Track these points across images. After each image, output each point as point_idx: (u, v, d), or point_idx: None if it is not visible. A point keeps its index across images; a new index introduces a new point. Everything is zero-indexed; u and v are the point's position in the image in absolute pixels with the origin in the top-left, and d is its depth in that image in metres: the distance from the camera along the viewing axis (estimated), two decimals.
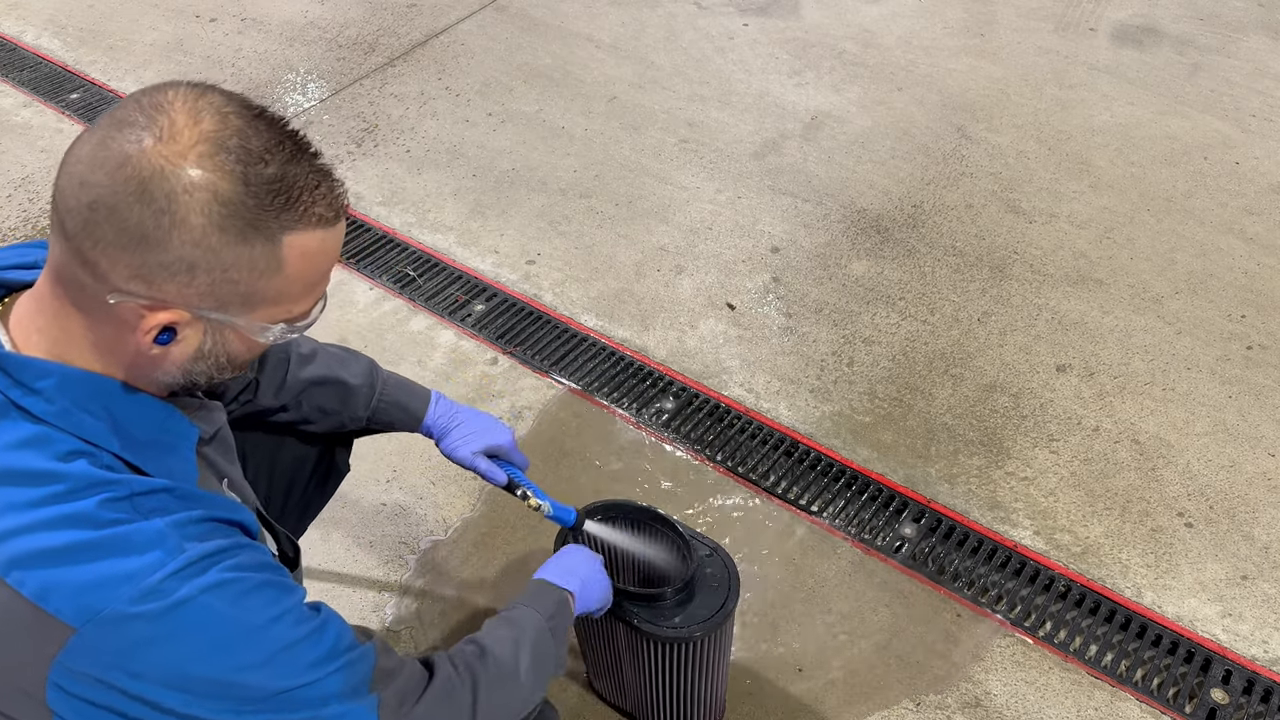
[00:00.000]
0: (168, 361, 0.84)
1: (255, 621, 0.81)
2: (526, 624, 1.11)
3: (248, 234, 0.78)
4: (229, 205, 0.77)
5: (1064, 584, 1.82)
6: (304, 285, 0.85)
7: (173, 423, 0.88)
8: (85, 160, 0.77)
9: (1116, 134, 2.96)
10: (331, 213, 0.83)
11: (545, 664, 1.11)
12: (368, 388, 1.32)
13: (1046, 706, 1.65)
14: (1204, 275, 2.48)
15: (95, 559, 0.76)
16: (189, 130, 0.77)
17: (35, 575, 0.76)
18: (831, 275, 2.47)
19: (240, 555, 0.82)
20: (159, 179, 0.75)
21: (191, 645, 0.78)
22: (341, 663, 0.86)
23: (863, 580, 1.83)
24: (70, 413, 0.81)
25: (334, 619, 0.89)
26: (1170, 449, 2.07)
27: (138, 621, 0.76)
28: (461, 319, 2.33)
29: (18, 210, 2.62)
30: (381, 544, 1.87)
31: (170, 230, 0.76)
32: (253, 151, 0.78)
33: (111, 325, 0.81)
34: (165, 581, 0.77)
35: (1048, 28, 3.48)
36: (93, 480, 0.79)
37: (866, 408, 2.15)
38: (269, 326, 0.85)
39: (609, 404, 2.14)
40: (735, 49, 3.33)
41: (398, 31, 3.36)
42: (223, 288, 0.80)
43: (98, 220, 0.76)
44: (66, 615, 0.75)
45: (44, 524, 0.76)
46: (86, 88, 3.06)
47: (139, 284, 0.78)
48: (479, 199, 2.68)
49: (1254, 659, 1.72)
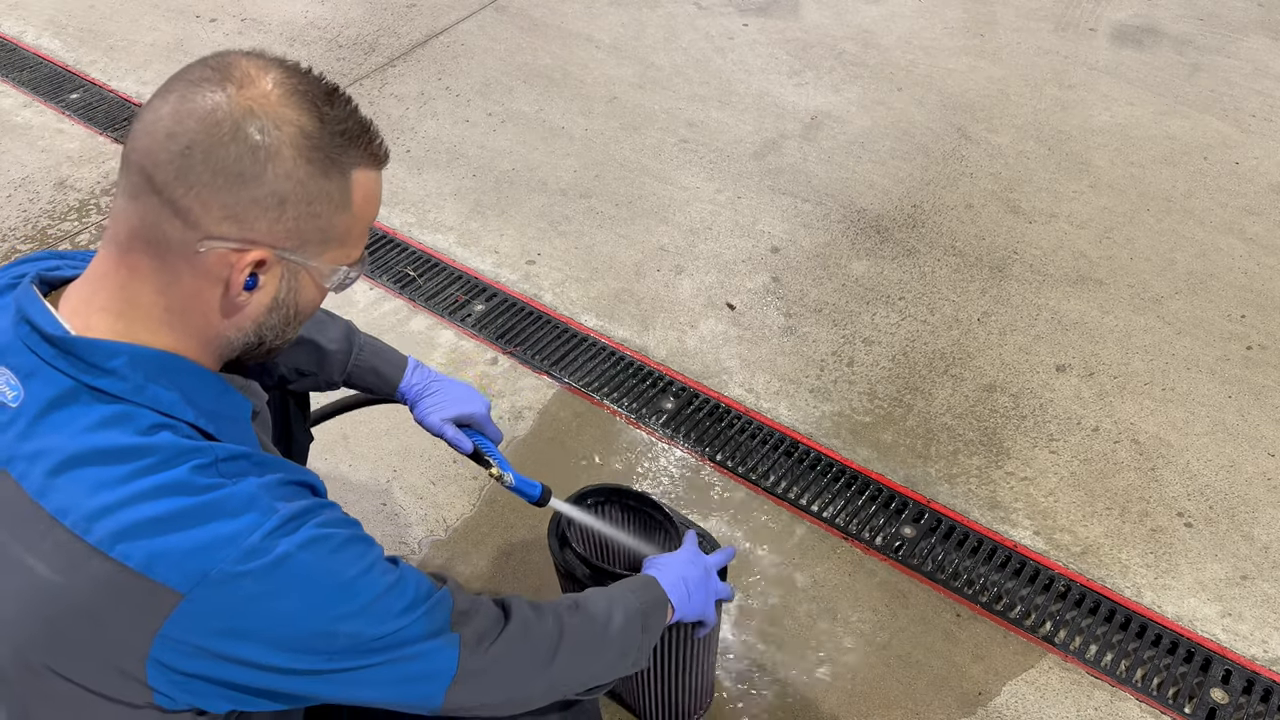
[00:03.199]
0: (244, 315, 0.88)
1: (348, 574, 0.84)
2: (628, 602, 1.12)
3: (328, 168, 0.85)
4: (312, 139, 0.84)
5: (1064, 584, 1.82)
6: (363, 226, 0.92)
7: (229, 397, 0.91)
8: (168, 116, 0.81)
9: (1116, 134, 2.96)
10: (384, 154, 0.92)
11: (630, 646, 1.11)
12: (344, 352, 1.35)
13: (1046, 706, 1.65)
14: (1204, 275, 2.48)
15: (196, 524, 0.78)
16: (262, 79, 0.83)
17: (140, 546, 0.77)
18: (831, 275, 2.47)
19: (324, 514, 0.85)
20: (250, 118, 0.81)
21: (294, 599, 0.81)
22: (425, 608, 0.89)
23: (863, 580, 1.83)
24: (145, 388, 0.83)
25: (410, 569, 0.92)
26: (1170, 449, 2.07)
27: (244, 580, 0.78)
28: (461, 319, 2.33)
29: (18, 210, 2.62)
30: (381, 544, 1.86)
31: (265, 164, 0.81)
32: (320, 95, 0.86)
33: (192, 282, 0.84)
34: (265, 540, 0.79)
35: (1048, 28, 3.48)
36: (180, 449, 0.81)
37: (866, 408, 2.15)
38: (335, 269, 0.91)
39: (609, 404, 2.14)
40: (735, 49, 3.33)
41: (398, 31, 3.36)
42: (306, 223, 0.85)
43: (193, 164, 0.80)
44: (175, 581, 0.77)
45: (142, 495, 0.78)
46: (86, 88, 3.06)
47: (231, 225, 0.82)
48: (479, 199, 2.68)
49: (1254, 659, 1.72)
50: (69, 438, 0.80)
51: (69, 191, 2.69)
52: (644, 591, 1.16)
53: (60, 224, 2.58)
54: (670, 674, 1.45)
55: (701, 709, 1.61)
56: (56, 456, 0.79)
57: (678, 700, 1.52)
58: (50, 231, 2.56)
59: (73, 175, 2.74)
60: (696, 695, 1.56)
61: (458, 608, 0.94)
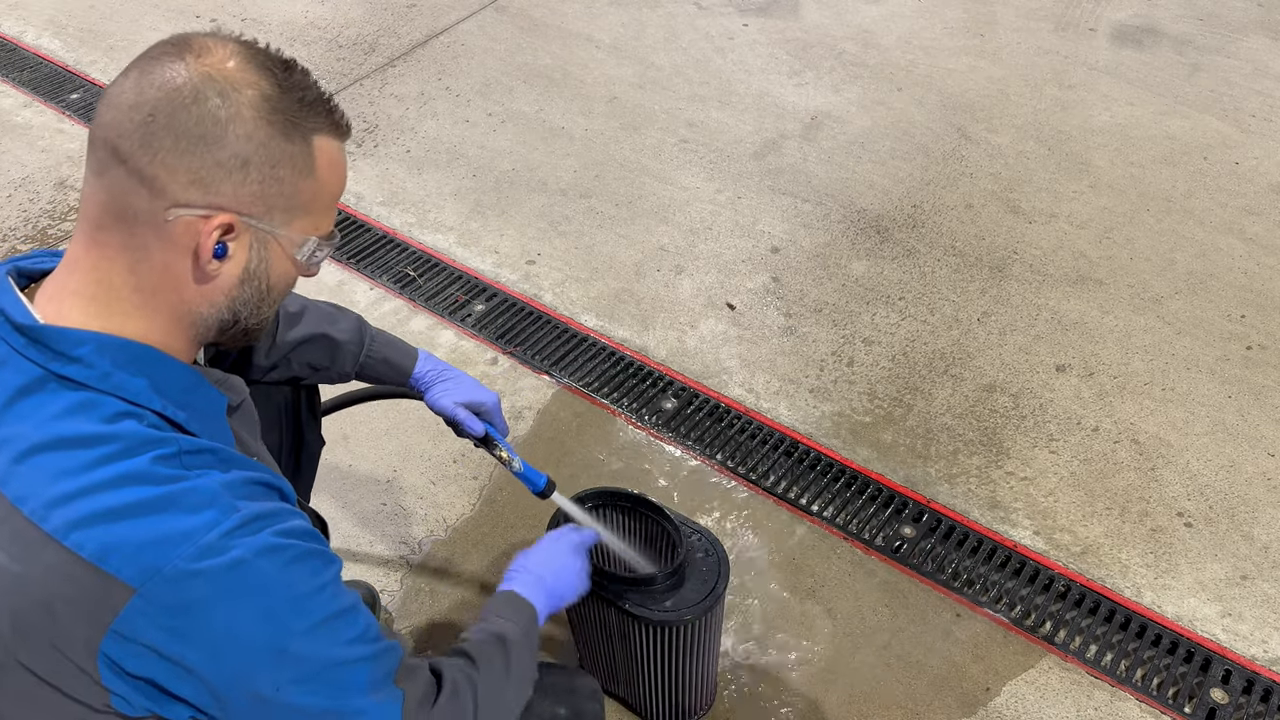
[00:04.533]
0: (216, 288, 0.87)
1: (302, 589, 0.82)
2: (509, 635, 1.11)
3: (289, 130, 0.86)
4: (272, 101, 0.85)
5: (1064, 584, 1.82)
6: (329, 196, 0.92)
7: (201, 390, 0.89)
8: (131, 89, 0.83)
9: (1116, 134, 2.96)
10: (346, 125, 0.93)
11: (527, 674, 1.11)
12: (355, 344, 1.36)
13: (1046, 706, 1.65)
14: (1204, 275, 2.48)
15: (153, 515, 0.77)
16: (220, 49, 0.86)
17: (94, 535, 0.76)
18: (831, 275, 2.47)
19: (287, 521, 0.84)
20: (209, 82, 0.83)
21: (244, 607, 0.79)
22: (373, 650, 0.87)
23: (863, 580, 1.83)
24: (112, 375, 0.82)
25: (364, 607, 0.90)
26: (1170, 449, 2.07)
27: (197, 580, 0.77)
28: (462, 319, 2.33)
29: (18, 210, 2.62)
30: (381, 544, 1.87)
31: (227, 125, 0.82)
32: (276, 64, 0.88)
33: (161, 255, 0.84)
34: (222, 539, 0.78)
35: (1047, 28, 3.48)
36: (143, 438, 0.80)
37: (866, 408, 2.15)
38: (305, 239, 0.91)
39: (609, 404, 2.14)
40: (735, 49, 3.33)
41: (398, 31, 3.36)
42: (271, 186, 0.86)
43: (156, 130, 0.81)
44: (127, 575, 0.76)
45: (101, 485, 0.77)
46: (86, 88, 3.06)
47: (196, 190, 0.82)
48: (479, 199, 2.68)
49: (1254, 659, 1.73)
50: (34, 426, 0.80)
51: (69, 191, 2.69)
52: (514, 612, 1.15)
53: (60, 224, 2.58)
54: (674, 673, 1.46)
55: (704, 708, 1.61)
56: (21, 444, 0.79)
57: (680, 699, 1.53)
58: (50, 231, 2.56)
59: (73, 175, 2.74)
60: (699, 694, 1.56)
61: (405, 662, 0.92)
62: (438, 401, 1.37)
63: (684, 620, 1.35)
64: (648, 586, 1.35)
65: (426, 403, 1.39)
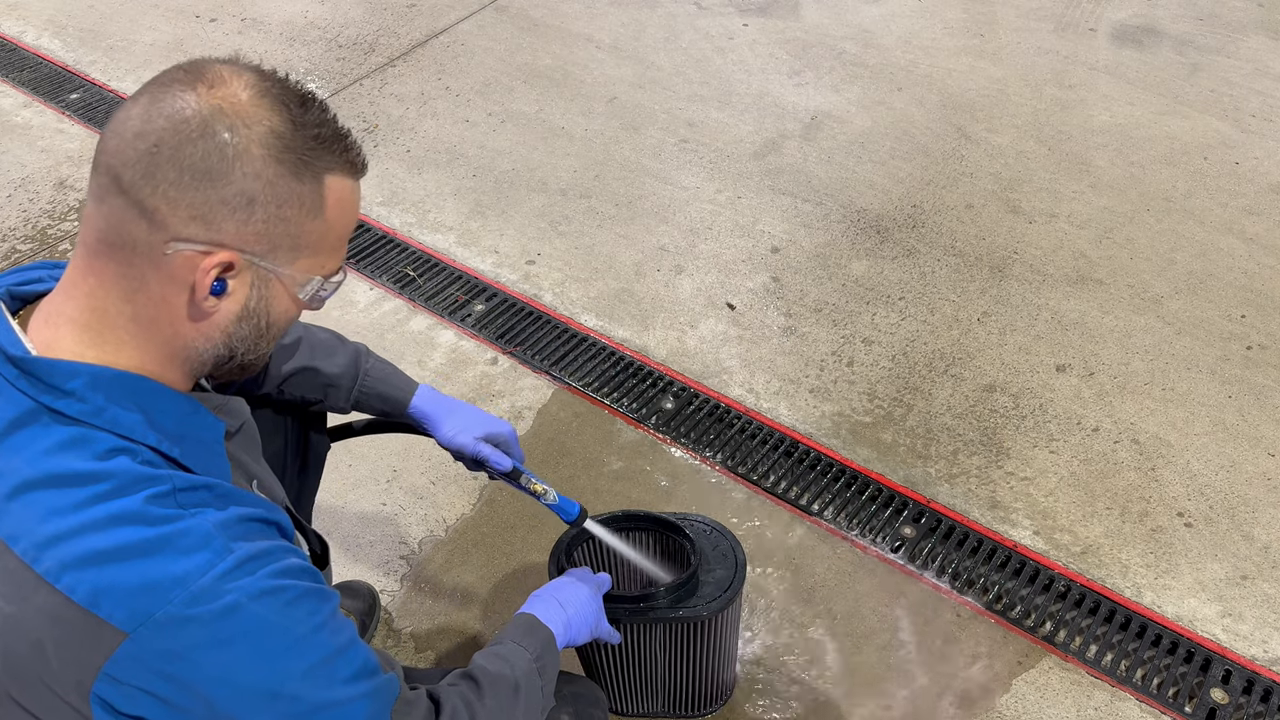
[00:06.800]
0: (213, 324, 0.85)
1: (299, 630, 0.81)
2: (518, 661, 1.10)
3: (299, 170, 0.82)
4: (283, 139, 0.81)
5: (1064, 584, 1.82)
6: (337, 236, 0.89)
7: (198, 418, 0.87)
8: (138, 117, 0.80)
9: (1116, 134, 2.96)
10: (360, 162, 0.89)
11: (535, 702, 1.10)
12: (349, 378, 1.33)
13: (1046, 706, 1.65)
14: (1204, 275, 2.48)
15: (146, 557, 0.76)
16: (235, 80, 0.82)
17: (86, 578, 0.75)
18: (831, 275, 2.47)
19: (284, 560, 0.82)
20: (219, 116, 0.79)
21: (239, 652, 0.78)
22: (371, 686, 0.86)
23: (863, 580, 1.83)
24: (105, 409, 0.80)
25: (361, 641, 0.89)
26: (1170, 449, 2.07)
27: (191, 625, 0.76)
28: (461, 319, 2.33)
29: (18, 210, 2.62)
30: (381, 544, 1.87)
31: (233, 161, 0.79)
32: (293, 98, 0.84)
33: (158, 287, 0.81)
34: (216, 583, 0.77)
35: (1048, 28, 3.48)
36: (136, 476, 0.79)
37: (866, 408, 2.15)
38: (308, 279, 0.88)
39: (609, 404, 2.14)
40: (735, 49, 3.33)
41: (398, 31, 3.36)
42: (276, 226, 0.83)
43: (160, 162, 0.78)
44: (119, 620, 0.74)
45: (93, 525, 0.76)
46: (86, 88, 3.06)
47: (198, 226, 0.80)
48: (479, 199, 2.68)
49: (1254, 659, 1.72)
50: (26, 461, 0.78)
51: (69, 192, 2.69)
52: (529, 638, 1.14)
53: (60, 224, 2.58)
54: (694, 665, 1.48)
55: (722, 700, 1.63)
56: (13, 480, 0.77)
57: (699, 691, 1.56)
58: (50, 232, 2.56)
59: (73, 175, 2.74)
60: (718, 687, 1.59)
61: (402, 697, 0.91)
62: (454, 439, 1.33)
63: (699, 616, 1.37)
64: (649, 603, 1.37)
65: (440, 441, 1.35)
